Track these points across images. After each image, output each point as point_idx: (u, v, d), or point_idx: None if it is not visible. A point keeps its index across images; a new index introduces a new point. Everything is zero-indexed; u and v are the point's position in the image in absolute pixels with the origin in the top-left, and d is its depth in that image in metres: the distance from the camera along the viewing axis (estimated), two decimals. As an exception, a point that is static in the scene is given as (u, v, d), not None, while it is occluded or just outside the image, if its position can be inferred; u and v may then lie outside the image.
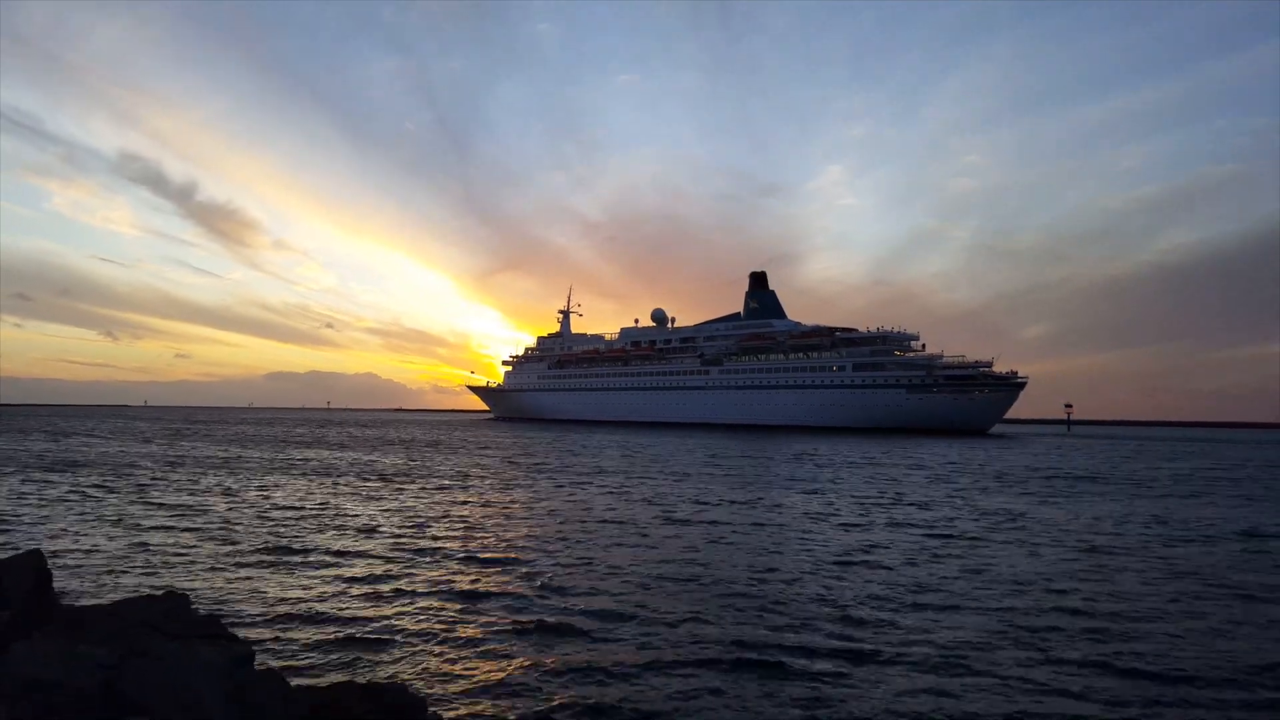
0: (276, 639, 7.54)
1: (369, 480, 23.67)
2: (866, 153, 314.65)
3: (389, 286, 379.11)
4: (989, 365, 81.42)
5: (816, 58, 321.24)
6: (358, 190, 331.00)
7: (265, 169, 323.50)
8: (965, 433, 78.63)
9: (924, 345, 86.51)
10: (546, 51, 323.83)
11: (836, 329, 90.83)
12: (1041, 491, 23.31)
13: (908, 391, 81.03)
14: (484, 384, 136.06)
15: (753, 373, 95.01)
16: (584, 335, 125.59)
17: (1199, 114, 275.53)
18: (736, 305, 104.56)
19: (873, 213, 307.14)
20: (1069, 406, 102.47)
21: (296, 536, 13.41)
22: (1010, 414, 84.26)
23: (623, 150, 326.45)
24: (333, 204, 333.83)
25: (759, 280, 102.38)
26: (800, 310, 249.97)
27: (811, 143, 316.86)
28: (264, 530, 14.04)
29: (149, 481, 22.60)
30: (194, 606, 4.83)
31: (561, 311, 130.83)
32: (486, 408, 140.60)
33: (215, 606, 8.59)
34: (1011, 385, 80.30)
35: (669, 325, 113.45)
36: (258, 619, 8.24)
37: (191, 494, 19.61)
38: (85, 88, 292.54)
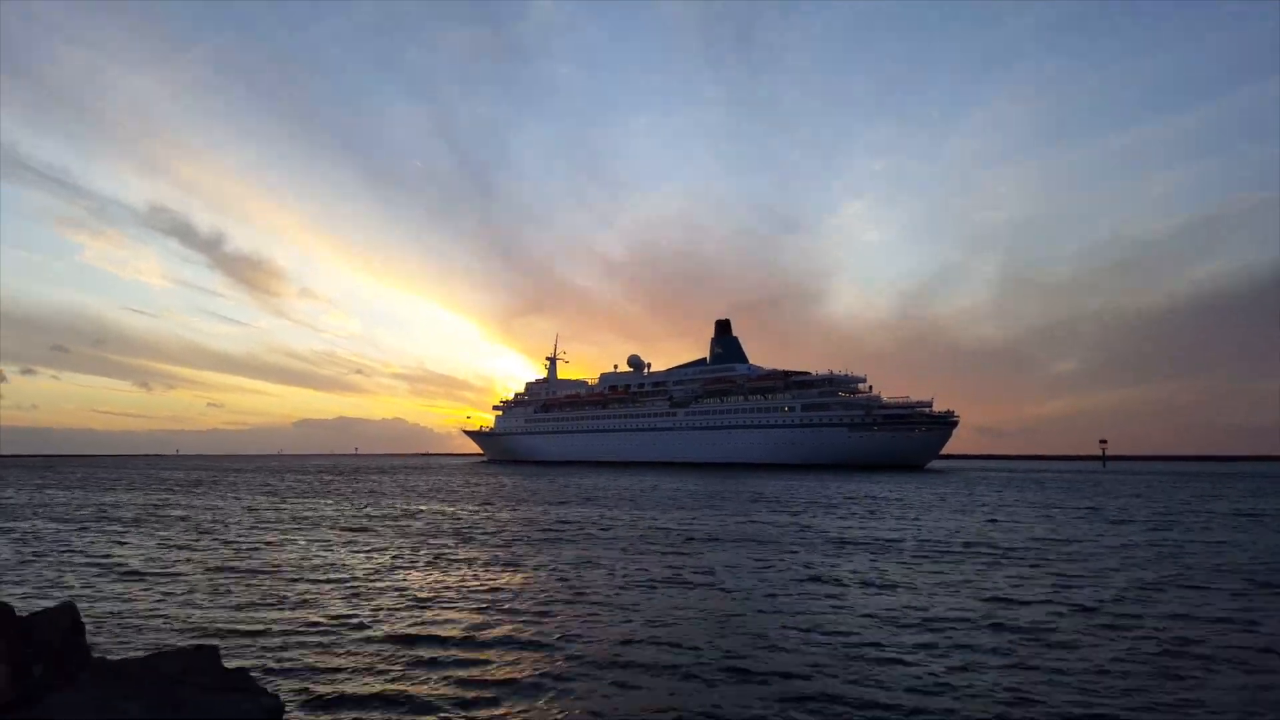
0: (305, 693, 7.34)
1: (402, 535, 21.27)
2: (890, 187, 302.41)
3: (414, 331, 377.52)
4: (928, 405, 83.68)
5: (837, 93, 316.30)
6: (382, 236, 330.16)
7: (291, 217, 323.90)
8: (903, 468, 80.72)
9: (870, 387, 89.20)
10: (568, 93, 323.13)
11: (791, 372, 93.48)
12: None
13: (849, 430, 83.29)
14: (478, 428, 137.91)
15: (715, 414, 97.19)
16: (568, 380, 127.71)
17: (1228, 140, 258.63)
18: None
19: (897, 247, 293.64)
20: (1104, 442, 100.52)
21: (327, 591, 12.59)
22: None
23: (644, 188, 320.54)
24: (358, 250, 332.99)
25: (723, 327, 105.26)
26: (821, 348, 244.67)
27: (834, 177, 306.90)
28: (294, 583, 13.27)
29: (181, 531, 22.06)
30: (223, 659, 4.90)
31: (549, 358, 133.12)
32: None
33: (244, 659, 8.37)
34: (945, 424, 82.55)
35: (644, 370, 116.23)
36: (286, 673, 7.99)
37: (222, 545, 18.90)
38: (116, 139, 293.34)
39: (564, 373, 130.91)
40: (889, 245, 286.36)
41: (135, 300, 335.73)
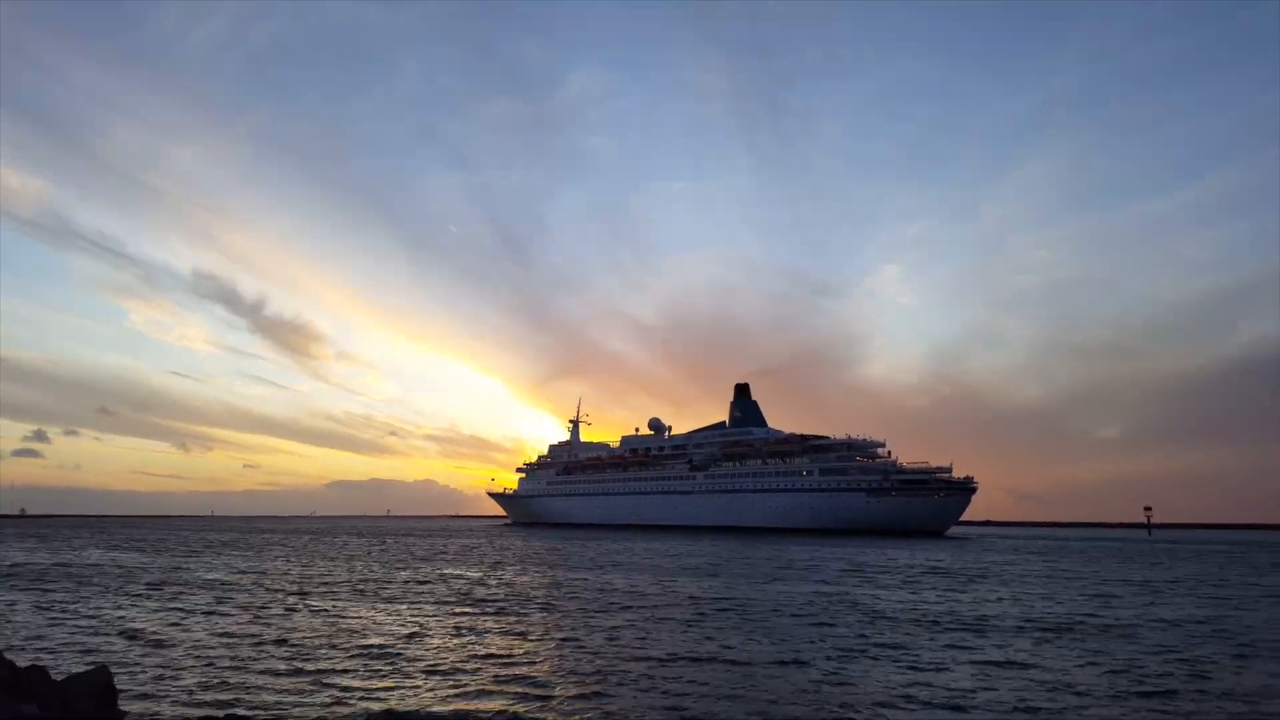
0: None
1: (429, 602, 21.37)
2: (924, 251, 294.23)
3: (447, 394, 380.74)
4: (947, 470, 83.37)
5: (870, 158, 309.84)
6: (418, 300, 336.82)
7: (331, 282, 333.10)
8: (922, 533, 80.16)
9: (889, 452, 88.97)
10: (601, 161, 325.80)
11: (809, 436, 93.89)
12: None
13: (867, 495, 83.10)
14: (501, 490, 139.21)
15: (733, 477, 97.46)
16: (591, 443, 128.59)
17: (1268, 201, 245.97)
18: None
19: (933, 311, 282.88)
20: (1148, 509, 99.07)
21: (355, 662, 12.65)
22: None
23: (676, 253, 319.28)
24: (394, 314, 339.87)
25: (743, 391, 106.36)
26: (854, 412, 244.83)
27: (867, 242, 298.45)
28: (322, 652, 13.41)
29: (212, 597, 22.39)
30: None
31: (571, 421, 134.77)
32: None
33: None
34: (964, 489, 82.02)
35: (665, 434, 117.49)
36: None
37: (251, 611, 19.01)
38: (164, 209, 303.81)
39: (589, 435, 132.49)
40: (923, 309, 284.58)
41: (180, 364, 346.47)
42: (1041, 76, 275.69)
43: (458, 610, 19.68)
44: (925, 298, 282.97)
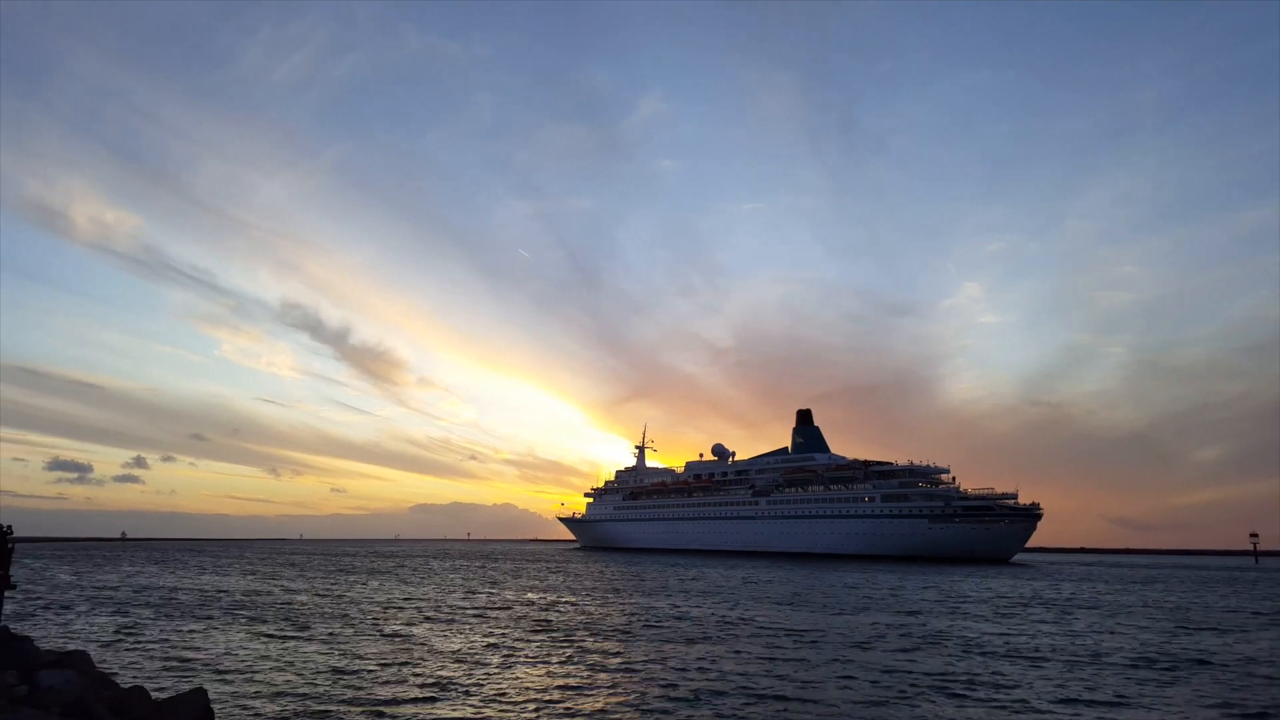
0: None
1: (523, 628, 21.62)
2: (1007, 268, 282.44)
3: (523, 418, 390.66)
4: (1012, 497, 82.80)
5: (946, 174, 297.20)
6: (494, 326, 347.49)
7: (410, 310, 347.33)
8: (987, 561, 79.81)
9: (953, 478, 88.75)
10: (670, 186, 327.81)
11: (871, 462, 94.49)
12: None
13: (929, 521, 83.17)
14: (570, 515, 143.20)
15: (795, 503, 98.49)
16: (656, 469, 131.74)
17: None
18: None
19: (1018, 330, 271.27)
20: (1254, 536, 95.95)
21: (444, 688, 12.62)
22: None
23: (747, 275, 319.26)
24: (471, 340, 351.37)
25: (804, 417, 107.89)
26: (934, 435, 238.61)
27: (946, 260, 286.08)
28: (415, 679, 13.41)
29: (310, 620, 22.77)
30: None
31: (637, 446, 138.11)
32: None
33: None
34: (1030, 516, 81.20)
35: (729, 460, 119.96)
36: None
37: (350, 636, 19.06)
38: (252, 241, 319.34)
39: (656, 460, 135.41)
40: (1008, 328, 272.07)
41: (268, 391, 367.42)
42: (1122, 83, 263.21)
43: (539, 637, 19.94)
44: (1010, 316, 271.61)
